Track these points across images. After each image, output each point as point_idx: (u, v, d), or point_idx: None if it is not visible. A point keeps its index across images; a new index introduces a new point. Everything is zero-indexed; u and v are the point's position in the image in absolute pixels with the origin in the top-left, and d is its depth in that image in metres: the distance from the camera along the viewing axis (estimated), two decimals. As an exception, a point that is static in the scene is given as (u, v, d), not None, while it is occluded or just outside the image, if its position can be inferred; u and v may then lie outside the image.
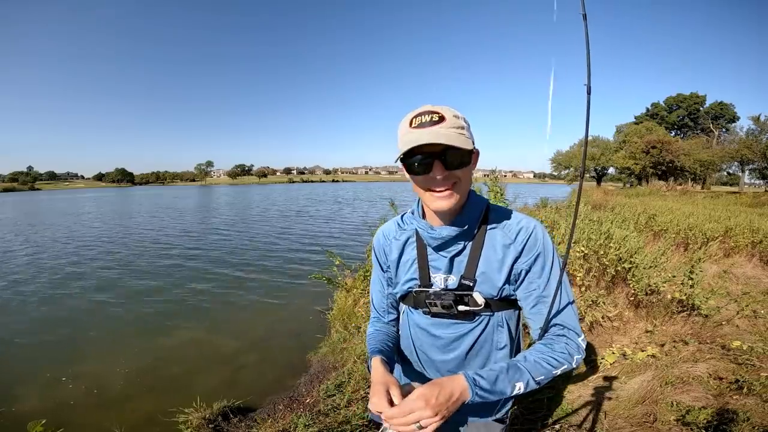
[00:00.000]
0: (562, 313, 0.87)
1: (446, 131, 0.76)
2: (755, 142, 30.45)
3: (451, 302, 0.89)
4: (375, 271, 1.10)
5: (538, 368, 0.82)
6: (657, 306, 3.49)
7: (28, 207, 29.90)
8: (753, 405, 2.28)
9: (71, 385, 3.42)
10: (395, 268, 1.01)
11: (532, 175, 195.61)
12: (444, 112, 0.78)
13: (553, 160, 46.06)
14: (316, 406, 2.62)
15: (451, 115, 0.78)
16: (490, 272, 0.89)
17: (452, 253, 0.90)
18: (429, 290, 0.93)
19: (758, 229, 6.56)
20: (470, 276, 0.89)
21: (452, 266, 0.92)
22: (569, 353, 0.85)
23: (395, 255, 1.00)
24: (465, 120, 0.82)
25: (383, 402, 0.76)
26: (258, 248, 9.95)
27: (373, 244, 1.07)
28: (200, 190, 65.33)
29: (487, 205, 0.92)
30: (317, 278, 4.32)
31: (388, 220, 1.09)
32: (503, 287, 0.89)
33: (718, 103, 44.39)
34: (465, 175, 0.82)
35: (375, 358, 0.91)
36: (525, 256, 0.87)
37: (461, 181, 0.81)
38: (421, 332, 1.00)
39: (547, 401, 2.46)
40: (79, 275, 7.37)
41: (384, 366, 0.88)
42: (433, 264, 0.94)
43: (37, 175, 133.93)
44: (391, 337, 1.06)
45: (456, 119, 0.78)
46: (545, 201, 12.17)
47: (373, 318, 1.12)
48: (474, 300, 0.89)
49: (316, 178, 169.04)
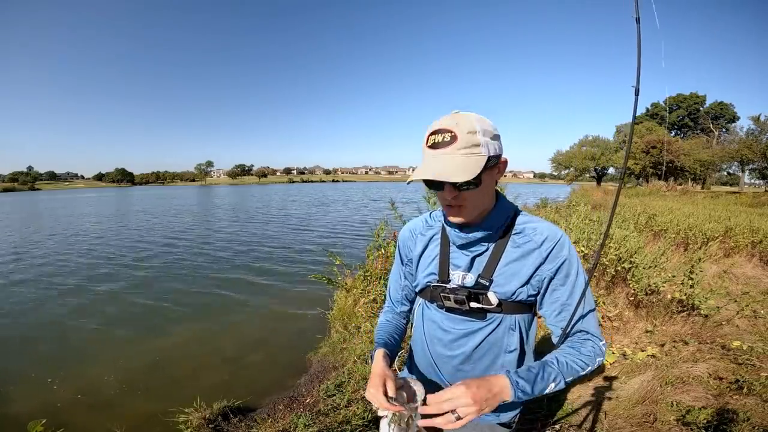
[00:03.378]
0: (585, 320, 0.91)
1: (451, 159, 0.78)
2: (755, 142, 30.42)
3: (464, 298, 0.91)
4: (395, 264, 1.15)
5: (569, 369, 0.86)
6: (657, 306, 3.48)
7: (29, 207, 29.88)
8: (753, 405, 2.29)
9: (71, 385, 3.42)
10: (416, 262, 1.05)
11: (532, 175, 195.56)
12: (457, 131, 0.77)
13: (553, 160, 46.04)
14: (316, 406, 2.62)
15: (464, 133, 0.77)
16: (508, 274, 0.91)
17: (475, 252, 0.93)
18: (446, 285, 0.95)
19: (758, 229, 6.56)
20: (487, 276, 0.91)
21: (472, 265, 0.95)
22: (594, 355, 0.89)
23: (419, 249, 1.04)
24: (485, 132, 0.80)
25: (379, 393, 0.81)
26: (258, 248, 9.94)
27: (398, 239, 1.13)
28: (200, 190, 65.31)
29: (516, 211, 0.96)
30: (317, 278, 4.32)
31: (387, 221, 1.13)
32: (520, 290, 0.91)
33: (718, 103, 44.37)
34: (477, 194, 0.84)
35: (378, 350, 0.97)
36: (550, 263, 0.89)
37: (474, 200, 0.85)
38: (433, 325, 1.03)
39: (547, 401, 2.46)
40: (79, 276, 7.36)
41: (385, 359, 0.94)
42: (453, 261, 0.97)
43: (37, 175, 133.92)
44: (399, 330, 1.12)
45: (470, 136, 0.78)
46: (545, 201, 12.18)
47: (387, 308, 1.18)
48: (488, 299, 0.91)
49: (316, 178, 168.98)
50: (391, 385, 0.84)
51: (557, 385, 0.83)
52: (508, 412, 1.03)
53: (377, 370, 0.90)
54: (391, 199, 4.99)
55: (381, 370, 0.89)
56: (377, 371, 0.89)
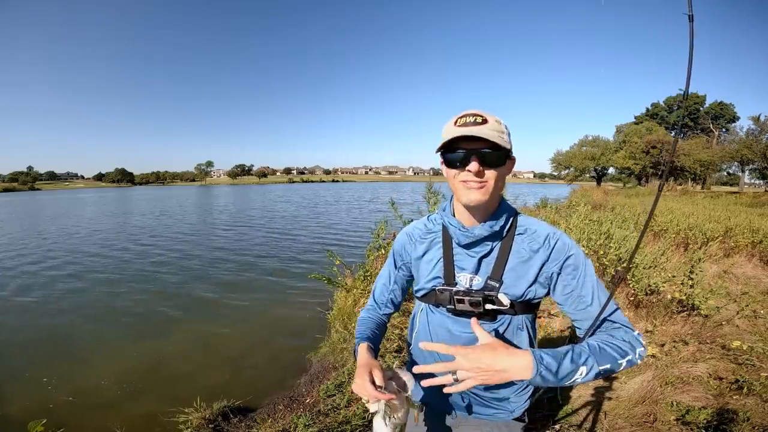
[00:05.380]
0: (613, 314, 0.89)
1: (486, 129, 0.82)
2: (755, 142, 30.42)
3: (480, 300, 0.91)
4: (387, 266, 1.14)
5: (603, 355, 0.80)
6: (657, 306, 3.49)
7: (29, 207, 29.87)
8: (753, 405, 2.29)
9: (70, 385, 3.42)
10: (416, 267, 1.05)
11: (532, 175, 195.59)
12: (487, 116, 0.84)
13: (553, 160, 46.05)
14: (316, 406, 2.62)
15: (493, 120, 0.84)
16: (516, 275, 0.91)
17: (481, 253, 0.93)
18: (454, 288, 0.95)
19: (758, 229, 6.57)
20: (497, 277, 0.92)
21: (479, 267, 0.94)
22: (631, 343, 0.83)
23: (418, 253, 1.04)
24: (506, 127, 0.88)
25: (366, 382, 0.80)
26: (258, 248, 9.94)
27: (394, 242, 1.12)
28: (199, 190, 65.29)
29: (516, 213, 0.96)
30: (317, 278, 4.32)
31: (387, 221, 1.12)
32: (528, 290, 0.91)
33: (718, 103, 44.36)
34: (499, 175, 0.86)
35: (362, 344, 0.97)
36: (555, 259, 0.90)
37: (494, 180, 0.85)
38: (442, 330, 1.01)
39: (547, 401, 2.46)
40: (78, 275, 7.36)
41: (369, 351, 0.94)
42: (458, 264, 0.96)
43: (37, 175, 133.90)
44: (380, 326, 1.11)
45: (498, 124, 0.85)
46: (545, 201, 12.18)
47: (369, 307, 1.16)
48: (500, 300, 0.91)
49: (316, 178, 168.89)
50: (378, 374, 0.82)
51: (590, 371, 0.77)
52: (521, 405, 1.03)
53: (362, 361, 0.88)
54: (391, 199, 5.00)
55: (366, 360, 0.88)
56: (362, 362, 0.88)
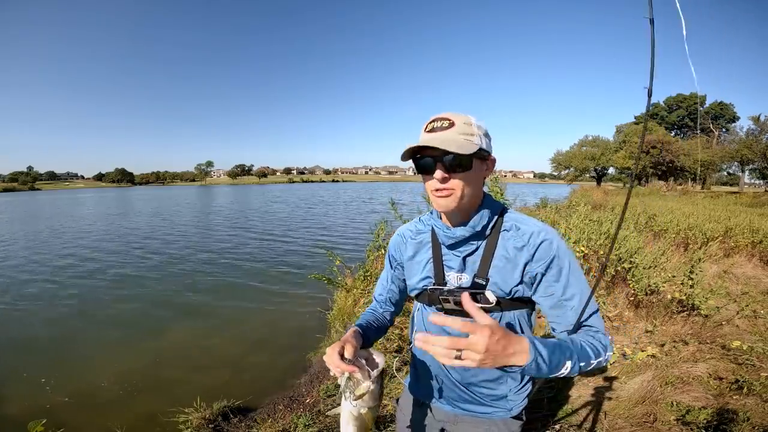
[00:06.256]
0: (591, 318, 0.89)
1: (452, 136, 0.81)
2: (755, 142, 30.39)
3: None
4: (385, 267, 1.17)
5: (583, 352, 0.81)
6: (657, 306, 3.49)
7: (28, 207, 29.87)
8: (753, 405, 2.29)
9: (70, 385, 3.42)
10: (408, 267, 1.06)
11: (532, 175, 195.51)
12: (455, 119, 0.83)
13: (553, 160, 46.04)
14: (316, 406, 2.63)
15: (461, 122, 0.83)
16: (502, 272, 0.91)
17: (465, 252, 0.94)
18: (443, 288, 0.96)
19: (758, 229, 6.57)
20: (483, 275, 0.92)
21: (465, 265, 0.95)
22: (604, 346, 0.86)
23: (409, 254, 1.05)
24: (479, 127, 0.86)
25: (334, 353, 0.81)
26: (258, 248, 9.95)
27: (389, 243, 1.14)
28: (199, 190, 65.29)
29: (502, 210, 0.96)
30: (317, 278, 4.32)
31: (386, 221, 1.13)
32: (516, 288, 0.91)
33: (718, 103, 44.35)
34: (466, 179, 0.85)
35: (352, 328, 0.99)
36: (538, 260, 0.89)
37: (462, 186, 0.84)
38: (434, 329, 1.02)
39: (547, 401, 2.46)
40: (77, 275, 7.37)
41: (354, 333, 0.94)
42: (447, 263, 0.97)
43: (37, 175, 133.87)
44: (378, 320, 1.13)
45: (466, 126, 0.83)
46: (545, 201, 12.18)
47: (371, 307, 1.20)
48: (486, 298, 0.91)
49: (316, 178, 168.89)
50: (349, 349, 0.82)
51: (572, 367, 0.78)
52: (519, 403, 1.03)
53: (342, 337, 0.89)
54: (391, 199, 4.99)
55: (345, 337, 0.89)
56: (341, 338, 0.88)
